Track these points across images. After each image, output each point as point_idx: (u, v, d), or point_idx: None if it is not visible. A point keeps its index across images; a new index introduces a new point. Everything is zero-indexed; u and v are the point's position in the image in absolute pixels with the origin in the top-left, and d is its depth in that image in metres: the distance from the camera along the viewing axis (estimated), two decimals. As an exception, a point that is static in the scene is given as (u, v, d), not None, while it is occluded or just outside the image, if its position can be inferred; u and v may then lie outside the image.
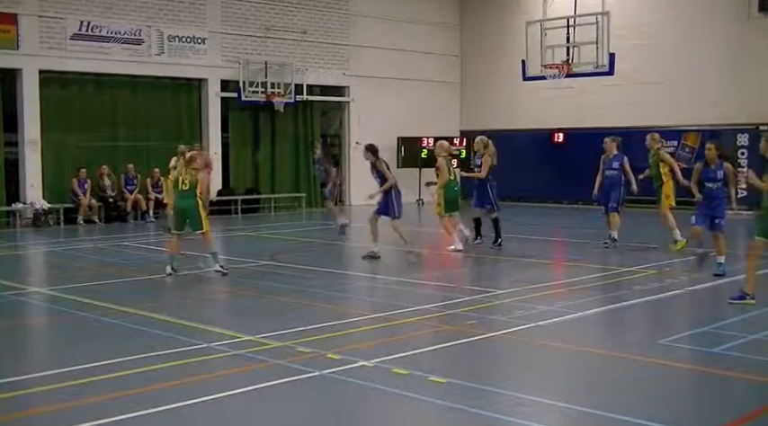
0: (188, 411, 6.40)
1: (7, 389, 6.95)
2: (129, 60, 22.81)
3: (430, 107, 29.10)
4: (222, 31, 24.69)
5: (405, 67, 28.50)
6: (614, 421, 6.12)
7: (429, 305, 10.43)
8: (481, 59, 29.76)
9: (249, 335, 8.66)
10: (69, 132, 22.22)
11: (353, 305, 11.21)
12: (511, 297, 10.83)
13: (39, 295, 11.90)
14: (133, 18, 22.92)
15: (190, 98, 24.74)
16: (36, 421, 6.15)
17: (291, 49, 25.95)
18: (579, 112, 26.52)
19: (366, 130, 27.75)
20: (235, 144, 25.76)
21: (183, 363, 7.70)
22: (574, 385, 7.31)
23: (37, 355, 8.81)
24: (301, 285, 12.08)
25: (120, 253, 16.14)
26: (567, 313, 9.94)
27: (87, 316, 10.01)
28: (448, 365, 7.77)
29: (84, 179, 21.98)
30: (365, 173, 26.98)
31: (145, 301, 10.83)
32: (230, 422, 6.21)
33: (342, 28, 27.38)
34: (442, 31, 29.90)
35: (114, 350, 8.09)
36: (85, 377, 7.25)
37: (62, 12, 21.74)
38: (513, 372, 7.76)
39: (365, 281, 13.01)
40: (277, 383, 7.08)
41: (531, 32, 21.99)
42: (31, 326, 10.40)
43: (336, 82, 27.44)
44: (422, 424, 6.37)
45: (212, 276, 12.90)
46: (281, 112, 25.74)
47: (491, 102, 29.31)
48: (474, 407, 6.36)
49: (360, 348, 8.31)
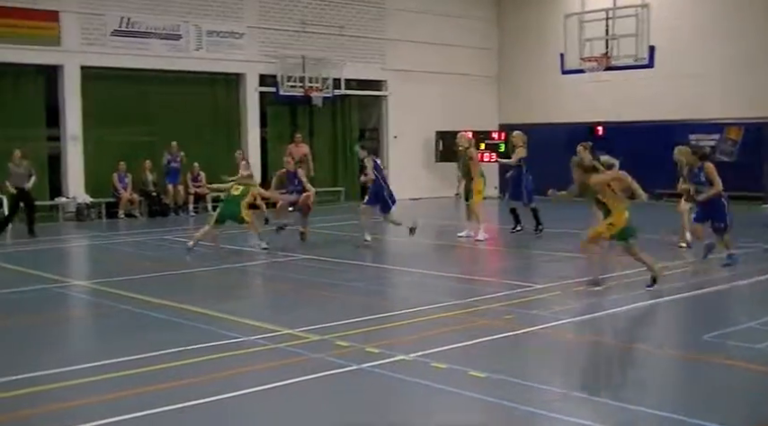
0: (225, 404, 6.41)
1: (48, 381, 7.02)
2: (167, 56, 22.98)
3: (467, 101, 28.99)
4: (260, 26, 24.78)
5: (442, 61, 28.42)
6: (657, 417, 6.04)
7: (467, 299, 10.40)
8: (519, 53, 29.60)
9: (288, 329, 8.68)
10: (110, 127, 22.42)
11: (391, 298, 11.23)
12: (548, 292, 10.77)
13: (81, 288, 12.05)
14: (172, 14, 23.10)
15: (228, 93, 24.87)
16: (75, 413, 6.19)
17: (329, 44, 25.99)
18: (618, 106, 26.24)
19: (404, 124, 27.80)
20: (273, 138, 25.86)
21: (222, 356, 7.73)
22: (614, 380, 7.26)
23: (78, 347, 8.91)
24: (339, 278, 12.10)
25: (161, 247, 16.30)
26: (605, 308, 9.86)
27: (128, 309, 10.11)
28: (487, 359, 7.73)
29: (123, 173, 22.20)
30: (404, 168, 27.26)
31: (184, 294, 10.92)
32: (267, 416, 6.25)
33: (378, 22, 27.37)
34: (478, 25, 29.77)
35: (153, 343, 8.16)
36: (124, 369, 7.32)
37: (102, 8, 21.96)
38: (552, 367, 7.71)
39: (402, 275, 13.01)
40: (316, 377, 7.09)
41: (570, 25, 21.84)
42: (73, 319, 10.54)
43: (374, 76, 27.46)
44: (462, 418, 6.33)
45: (252, 269, 12.99)
46: (318, 107, 25.81)
47: (529, 96, 29.14)
48: (514, 402, 6.33)
49: (398, 342, 8.31)
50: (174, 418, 6.14)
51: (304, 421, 6.17)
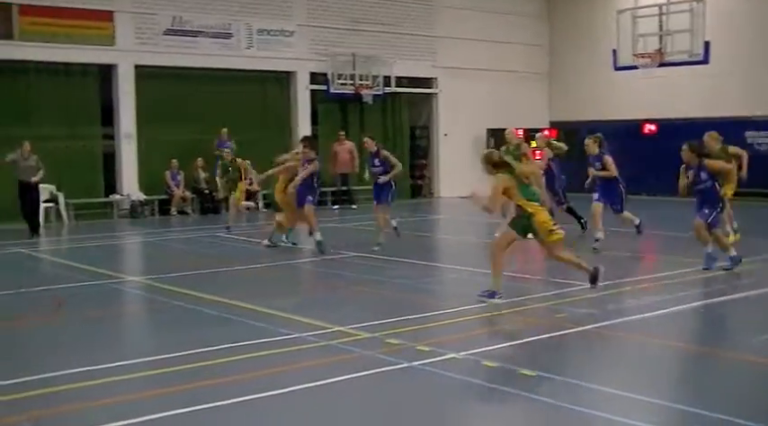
0: (274, 401, 6.45)
1: (101, 375, 7.11)
2: (218, 54, 23.19)
3: (518, 98, 28.83)
4: (310, 24, 24.88)
5: (492, 58, 28.28)
6: (708, 419, 5.94)
7: (518, 297, 10.33)
8: (570, 49, 29.32)
9: (338, 326, 8.70)
10: (163, 125, 22.66)
11: (441, 296, 11.21)
12: (601, 291, 10.65)
13: (134, 283, 12.22)
14: (222, 12, 23.30)
15: (279, 91, 25.02)
16: (125, 409, 6.26)
17: (379, 41, 26.01)
18: (672, 102, 25.88)
19: (454, 122, 27.74)
20: (324, 136, 25.94)
21: (271, 353, 7.77)
22: (665, 381, 7.16)
23: (130, 342, 9.03)
24: (389, 276, 12.11)
25: (213, 244, 16.46)
26: (659, 308, 9.73)
27: (180, 305, 10.23)
28: (538, 358, 7.68)
29: (176, 171, 22.45)
30: (454, 166, 27.18)
31: (236, 290, 11.00)
32: (317, 414, 6.26)
33: (428, 19, 27.33)
34: (529, 21, 29.57)
35: (204, 339, 8.23)
36: (174, 365, 7.40)
37: (155, 8, 22.23)
38: (603, 367, 7.64)
39: (452, 273, 12.97)
40: (366, 374, 7.11)
41: (623, 21, 21.63)
42: (127, 314, 10.69)
43: (424, 73, 27.41)
44: (513, 418, 6.31)
45: (303, 266, 13.04)
46: (369, 104, 25.86)
47: (580, 93, 28.87)
48: (564, 402, 6.27)
49: (448, 339, 8.29)
50: (221, 414, 6.17)
51: (355, 418, 6.18)
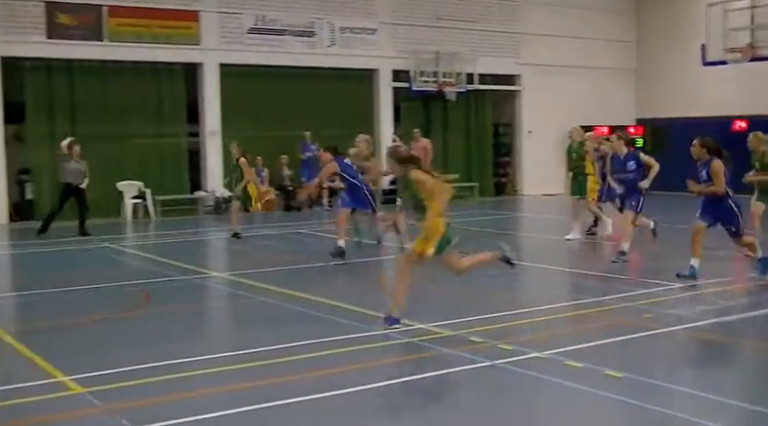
0: (355, 397, 6.42)
1: (183, 369, 7.19)
2: (301, 52, 23.38)
3: (603, 95, 28.36)
4: (392, 22, 24.90)
5: (577, 55, 27.89)
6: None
7: (603, 297, 10.13)
8: (658, 45, 28.69)
9: (420, 323, 8.65)
10: (247, 123, 22.87)
11: (524, 295, 11.08)
12: (689, 291, 10.38)
13: (219, 279, 12.38)
14: (305, 11, 23.48)
15: (361, 88, 25.09)
16: (204, 402, 6.33)
17: (462, 38, 25.87)
18: (764, 98, 25.13)
19: (538, 119, 27.43)
20: (407, 133, 25.90)
21: (353, 349, 7.75)
22: (756, 384, 6.92)
23: (213, 337, 9.15)
24: (472, 274, 11.98)
25: (297, 241, 16.59)
26: (750, 309, 9.45)
27: (263, 301, 10.32)
28: (624, 359, 7.50)
29: (260, 168, 22.70)
30: (538, 164, 26.91)
31: (318, 286, 11.05)
32: (399, 410, 6.23)
33: (512, 15, 27.09)
34: (615, 17, 29.06)
35: (285, 335, 8.26)
36: (255, 360, 7.44)
37: (239, 7, 22.53)
38: (691, 369, 7.44)
39: (536, 272, 12.79)
40: (449, 372, 7.06)
41: (712, 15, 21.09)
42: (211, 309, 10.85)
43: (507, 70, 27.18)
44: (598, 419, 6.17)
45: (386, 263, 13.04)
46: (452, 102, 25.75)
47: (668, 89, 28.23)
48: (651, 403, 6.10)
49: (532, 338, 8.19)
50: (300, 410, 6.15)
51: (439, 416, 6.13)
